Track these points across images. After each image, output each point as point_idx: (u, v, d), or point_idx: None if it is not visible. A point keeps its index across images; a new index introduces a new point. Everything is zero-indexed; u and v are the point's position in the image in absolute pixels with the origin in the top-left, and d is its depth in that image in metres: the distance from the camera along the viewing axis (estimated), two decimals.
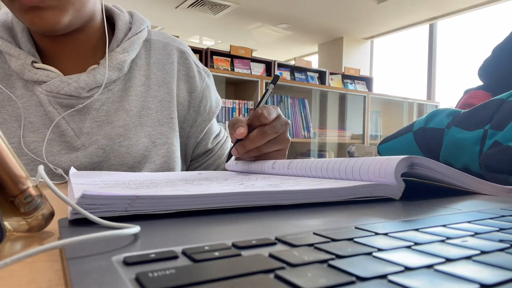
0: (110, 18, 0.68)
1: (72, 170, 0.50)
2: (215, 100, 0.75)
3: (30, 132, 0.59)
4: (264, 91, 2.69)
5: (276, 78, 0.60)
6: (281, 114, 0.54)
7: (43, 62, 0.61)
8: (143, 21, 0.69)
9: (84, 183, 0.36)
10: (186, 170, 0.76)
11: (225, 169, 0.76)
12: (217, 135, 0.78)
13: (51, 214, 0.23)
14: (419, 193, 0.35)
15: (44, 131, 0.59)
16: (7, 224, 0.22)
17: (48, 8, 0.53)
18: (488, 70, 0.98)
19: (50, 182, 0.21)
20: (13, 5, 0.53)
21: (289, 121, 0.54)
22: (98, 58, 0.64)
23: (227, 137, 0.80)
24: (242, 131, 0.49)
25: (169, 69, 0.69)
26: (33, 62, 0.59)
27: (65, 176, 0.57)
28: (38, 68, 0.59)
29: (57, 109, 0.60)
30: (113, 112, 0.63)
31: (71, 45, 0.62)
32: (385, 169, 0.32)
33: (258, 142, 0.51)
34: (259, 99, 2.68)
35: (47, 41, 0.62)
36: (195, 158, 0.76)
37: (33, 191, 0.22)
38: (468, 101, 0.96)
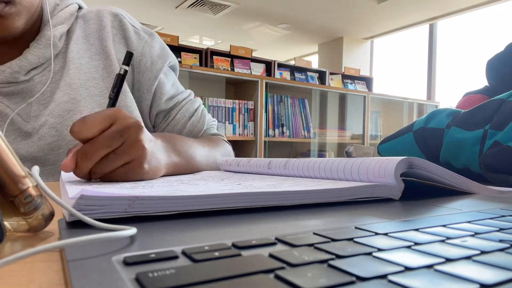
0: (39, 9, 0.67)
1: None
2: (159, 56, 0.70)
3: None
4: (264, 92, 2.69)
5: (130, 55, 0.49)
6: (122, 116, 0.42)
7: None
8: None
9: (77, 184, 0.36)
10: None
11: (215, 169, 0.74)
12: (172, 96, 0.72)
13: (51, 214, 0.23)
14: (419, 193, 0.35)
15: None
16: (7, 224, 0.22)
17: (6, 16, 0.55)
18: (498, 64, 0.96)
19: (45, 186, 0.21)
20: None
21: (138, 123, 0.42)
22: (31, 41, 0.63)
23: (190, 100, 0.75)
24: (67, 165, 0.39)
25: (104, 34, 0.68)
26: None
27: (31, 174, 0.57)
28: None
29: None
30: (57, 90, 0.62)
31: (6, 40, 0.62)
32: (384, 170, 0.32)
33: (84, 167, 0.39)
34: (259, 99, 2.69)
35: None
36: (155, 125, 0.73)
37: (33, 191, 0.22)
38: (466, 105, 0.96)
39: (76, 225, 0.22)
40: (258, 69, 2.99)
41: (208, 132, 0.78)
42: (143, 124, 0.43)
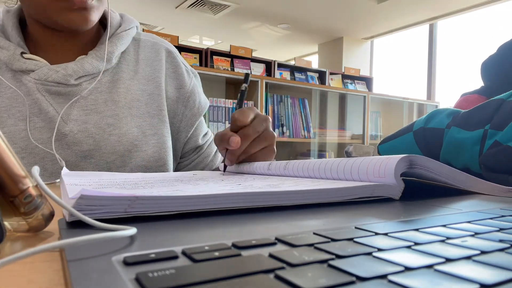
0: (102, 18, 0.71)
1: (64, 170, 0.50)
2: (203, 99, 0.78)
3: (19, 121, 0.60)
4: (264, 92, 2.69)
5: (247, 76, 0.60)
6: (258, 112, 0.55)
7: (32, 54, 0.64)
8: (132, 21, 0.73)
9: (78, 184, 0.36)
10: (176, 167, 0.78)
11: (214, 169, 0.78)
12: (206, 134, 0.80)
13: (51, 214, 0.23)
14: (419, 193, 0.35)
15: (33, 119, 0.61)
16: (7, 224, 0.22)
17: (89, 9, 0.59)
18: (492, 66, 0.97)
19: (45, 186, 0.21)
20: (55, 5, 0.57)
21: (269, 117, 0.55)
22: (85, 50, 0.67)
23: (212, 136, 0.83)
24: (236, 140, 0.50)
25: (157, 66, 0.73)
26: (22, 53, 0.62)
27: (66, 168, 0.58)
28: (26, 59, 0.61)
29: (45, 96, 0.61)
30: (102, 102, 0.65)
31: (69, 39, 0.65)
32: (384, 169, 0.32)
33: (243, 145, 0.52)
34: (259, 99, 2.68)
35: (47, 35, 0.64)
36: (185, 155, 0.78)
37: (33, 191, 0.22)
38: (463, 105, 0.96)
39: (76, 225, 0.22)
40: (258, 69, 2.99)
41: None
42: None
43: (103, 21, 0.71)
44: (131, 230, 0.19)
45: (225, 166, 0.59)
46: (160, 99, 0.71)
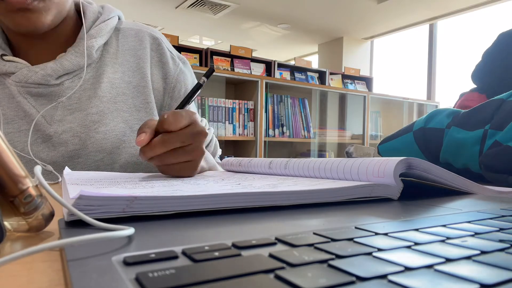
0: (78, 11, 0.68)
1: (66, 170, 0.50)
2: (191, 85, 0.74)
3: (4, 124, 0.60)
4: (264, 92, 2.69)
5: (211, 70, 0.54)
6: (197, 121, 0.47)
7: (14, 55, 0.63)
8: (112, 10, 0.70)
9: (80, 184, 0.36)
10: None
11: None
12: None
13: (51, 214, 0.23)
14: (418, 193, 0.35)
15: (18, 122, 0.60)
16: (7, 224, 0.22)
17: (34, 10, 0.55)
18: (480, 74, 0.99)
19: (47, 185, 0.21)
20: (0, 9, 0.54)
21: (205, 132, 0.48)
22: (67, 47, 0.64)
23: (208, 128, 0.79)
24: (141, 138, 0.44)
25: (142, 55, 0.69)
26: (2, 55, 0.61)
27: (57, 174, 0.58)
28: (7, 61, 0.61)
29: (26, 98, 0.61)
30: (86, 99, 0.63)
31: (43, 39, 0.63)
32: (384, 170, 0.32)
33: (158, 151, 0.45)
34: (259, 99, 2.69)
35: (21, 39, 0.63)
36: None
37: (33, 191, 0.22)
38: (464, 103, 0.97)
39: (75, 225, 0.22)
40: (258, 69, 2.99)
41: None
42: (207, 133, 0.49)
43: (80, 12, 0.68)
44: (129, 230, 0.19)
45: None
46: (146, 91, 0.68)
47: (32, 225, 0.22)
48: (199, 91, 0.53)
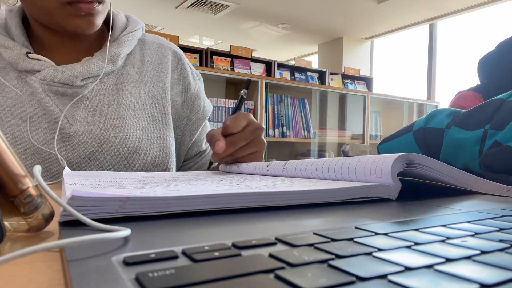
0: (107, 18, 0.70)
1: (66, 170, 0.50)
2: (208, 102, 0.79)
3: (23, 121, 0.60)
4: (264, 92, 2.69)
5: (249, 82, 0.63)
6: (253, 119, 0.57)
7: (38, 54, 0.63)
8: (138, 22, 0.73)
9: (77, 183, 0.36)
10: (179, 169, 0.77)
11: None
12: None
13: (51, 214, 0.23)
14: (417, 193, 0.35)
15: (37, 120, 0.60)
16: (7, 224, 0.22)
17: (95, 13, 0.59)
18: (490, 62, 0.97)
19: (45, 185, 0.21)
20: (63, 11, 0.57)
21: (263, 126, 0.58)
22: (91, 52, 0.66)
23: None
24: (221, 145, 0.53)
25: (163, 69, 0.72)
26: (27, 53, 0.61)
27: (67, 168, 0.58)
28: (32, 59, 0.61)
29: (50, 96, 0.61)
30: (107, 104, 0.65)
31: (72, 39, 0.65)
32: (381, 169, 0.32)
33: (228, 150, 0.54)
34: (259, 99, 2.68)
35: (51, 36, 0.63)
36: (189, 158, 0.78)
37: (33, 191, 0.22)
38: (457, 102, 0.97)
39: (72, 225, 0.22)
40: (258, 69, 2.99)
41: None
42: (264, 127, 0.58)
43: (108, 21, 0.70)
44: (126, 231, 0.19)
45: (210, 163, 0.62)
46: (164, 103, 0.70)
47: (32, 225, 0.22)
48: (243, 101, 0.63)
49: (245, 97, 0.62)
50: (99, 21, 0.61)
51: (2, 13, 0.66)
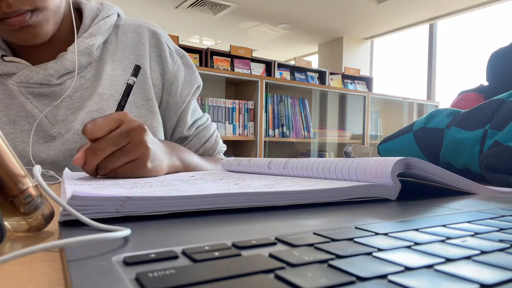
0: (78, 9, 0.68)
1: (66, 171, 0.50)
2: (188, 82, 0.73)
3: (6, 125, 0.59)
4: (264, 92, 2.69)
5: (137, 69, 0.53)
6: (128, 119, 0.45)
7: (14, 56, 0.62)
8: (111, 7, 0.70)
9: (78, 184, 0.36)
10: None
11: (207, 155, 0.76)
12: (193, 124, 0.75)
13: (51, 214, 0.23)
14: (417, 193, 0.35)
15: (20, 123, 0.60)
16: (7, 224, 0.22)
17: (35, 24, 0.55)
18: (503, 57, 0.96)
19: (45, 184, 0.21)
20: (0, 27, 0.54)
21: (142, 127, 0.45)
22: (67, 46, 0.64)
23: (206, 126, 0.78)
24: (77, 157, 0.43)
25: (141, 51, 0.69)
26: (2, 56, 0.61)
27: (58, 176, 0.58)
28: (7, 62, 0.60)
29: (29, 98, 0.60)
30: (87, 97, 0.63)
31: (42, 43, 0.63)
32: (381, 170, 0.32)
33: (93, 161, 0.43)
34: (259, 99, 2.68)
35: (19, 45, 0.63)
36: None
37: (33, 191, 0.22)
38: (457, 104, 0.96)
39: (72, 225, 0.22)
40: (258, 69, 2.99)
41: (215, 155, 0.80)
42: (146, 127, 0.46)
43: (79, 11, 0.67)
44: (126, 231, 0.19)
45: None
46: (146, 88, 0.67)
47: (32, 225, 0.22)
48: (130, 92, 0.52)
49: (132, 84, 0.52)
50: (45, 29, 0.57)
51: None
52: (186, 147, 0.73)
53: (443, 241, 0.19)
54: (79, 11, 0.68)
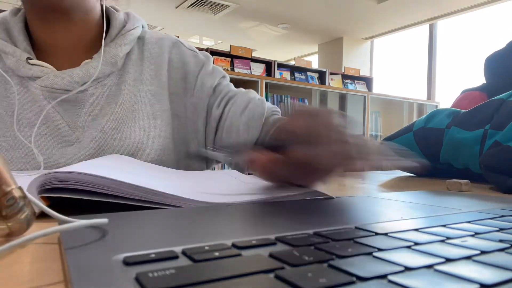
0: (106, 17, 0.69)
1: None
2: (209, 75, 0.71)
3: (25, 127, 0.60)
4: (264, 92, 2.68)
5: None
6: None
7: (38, 59, 0.63)
8: (138, 20, 0.71)
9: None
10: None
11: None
12: (222, 99, 0.71)
13: (34, 217, 0.22)
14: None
15: (39, 126, 0.60)
16: None
17: None
18: (498, 61, 0.96)
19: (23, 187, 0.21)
20: None
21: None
22: (92, 54, 0.65)
23: (241, 92, 0.72)
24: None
25: (160, 61, 0.70)
26: (27, 58, 0.61)
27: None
28: (32, 64, 0.61)
29: (51, 103, 0.61)
30: (107, 106, 0.64)
31: (66, 38, 0.64)
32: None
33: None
34: None
35: (43, 30, 0.63)
36: (216, 140, 0.71)
37: (16, 193, 0.21)
38: (459, 103, 0.96)
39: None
40: (258, 69, 2.99)
41: (273, 118, 0.69)
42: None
43: (107, 19, 0.68)
44: (103, 220, 0.20)
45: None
46: (163, 99, 0.69)
47: (13, 229, 0.21)
48: None
49: None
50: None
51: (5, 16, 0.65)
52: (226, 121, 0.68)
53: (443, 241, 0.19)
54: (106, 18, 0.69)
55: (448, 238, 0.19)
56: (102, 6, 0.68)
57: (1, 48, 0.61)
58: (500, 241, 0.19)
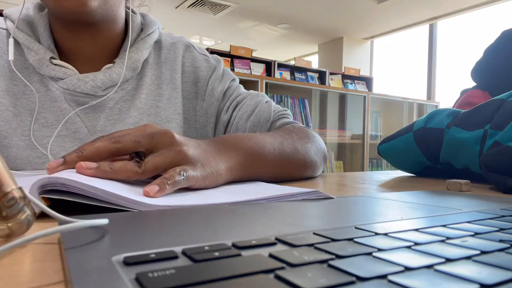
0: (125, 20, 0.69)
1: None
2: (219, 80, 0.72)
3: (44, 127, 0.60)
4: (264, 92, 2.69)
5: None
6: (152, 126, 0.39)
7: (61, 60, 0.62)
8: (155, 23, 0.71)
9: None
10: None
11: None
12: (231, 102, 0.71)
13: (34, 218, 0.22)
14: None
15: (57, 127, 0.60)
16: None
17: None
18: (481, 71, 0.99)
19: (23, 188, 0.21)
20: None
21: (168, 130, 0.38)
22: (111, 58, 0.65)
23: (251, 94, 0.73)
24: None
25: (174, 66, 0.71)
26: (51, 58, 0.60)
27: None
28: (55, 65, 0.60)
29: (72, 106, 0.61)
30: (125, 110, 0.65)
31: (91, 46, 0.63)
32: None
33: (99, 145, 0.36)
34: None
35: (68, 37, 0.62)
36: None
37: (16, 194, 0.21)
38: (468, 100, 0.96)
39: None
40: (258, 69, 2.99)
41: (280, 122, 0.70)
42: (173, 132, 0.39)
43: (127, 24, 0.68)
44: (103, 220, 0.20)
45: None
46: (176, 102, 0.69)
47: (13, 229, 0.21)
48: None
49: None
50: (90, 2, 0.53)
51: (29, 12, 0.64)
52: (234, 123, 0.69)
53: (443, 241, 0.19)
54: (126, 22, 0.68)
55: (448, 238, 0.19)
56: (125, 11, 0.67)
57: (25, 43, 0.60)
58: (500, 241, 0.19)
